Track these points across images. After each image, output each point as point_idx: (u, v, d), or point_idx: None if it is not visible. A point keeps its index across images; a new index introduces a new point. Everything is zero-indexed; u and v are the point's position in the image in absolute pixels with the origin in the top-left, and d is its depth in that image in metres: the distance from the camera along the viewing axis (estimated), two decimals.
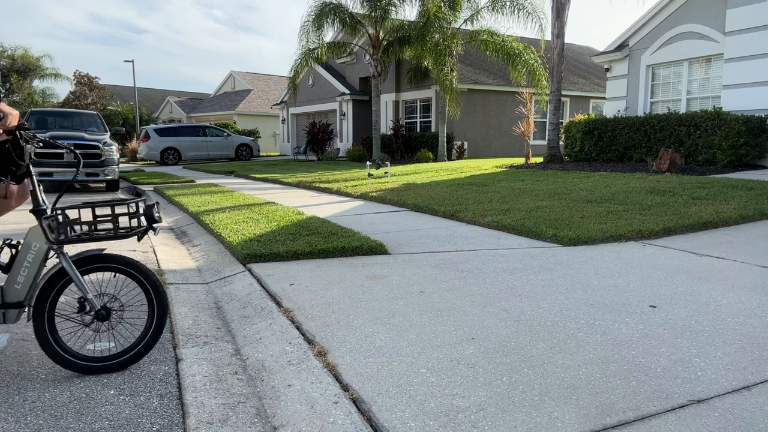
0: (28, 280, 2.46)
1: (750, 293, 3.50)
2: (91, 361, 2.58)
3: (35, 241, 2.48)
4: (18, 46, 42.83)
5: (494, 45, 18.39)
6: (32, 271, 2.46)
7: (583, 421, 2.02)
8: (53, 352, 2.52)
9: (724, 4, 11.67)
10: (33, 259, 2.46)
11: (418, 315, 3.21)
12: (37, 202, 2.53)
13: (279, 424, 2.17)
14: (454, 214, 6.75)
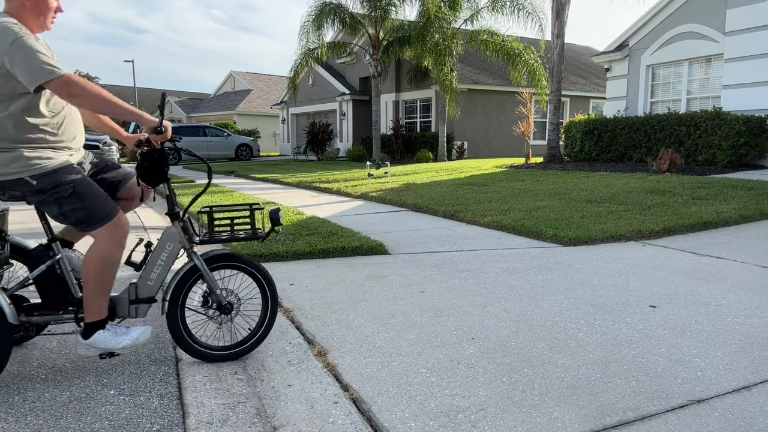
0: (161, 278, 2.63)
1: (750, 293, 3.50)
2: (216, 350, 2.75)
3: (170, 241, 2.64)
4: None
5: (494, 45, 18.39)
6: (165, 268, 2.64)
7: (583, 421, 2.02)
8: (185, 342, 2.69)
9: (724, 4, 11.68)
10: (167, 258, 2.63)
11: (418, 315, 3.21)
12: (173, 205, 2.73)
13: (279, 424, 2.17)
14: (454, 214, 6.75)
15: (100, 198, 2.47)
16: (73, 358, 2.79)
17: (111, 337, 2.52)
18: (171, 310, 2.65)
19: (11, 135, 2.32)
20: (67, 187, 2.39)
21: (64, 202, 2.40)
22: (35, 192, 2.38)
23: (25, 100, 2.32)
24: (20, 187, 2.38)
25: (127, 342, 2.54)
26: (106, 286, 2.47)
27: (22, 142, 2.34)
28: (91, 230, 2.46)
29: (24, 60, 2.21)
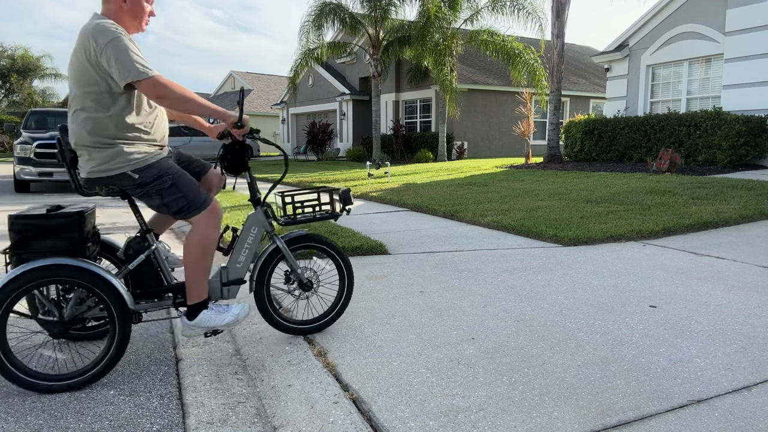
0: (248, 260, 2.82)
1: (750, 293, 3.50)
2: (300, 324, 2.96)
3: (254, 225, 2.83)
4: (18, 46, 42.93)
5: (494, 45, 18.39)
6: (252, 251, 2.82)
7: (583, 421, 2.02)
8: (272, 318, 2.91)
9: (724, 4, 11.68)
10: (252, 241, 2.82)
11: (418, 315, 3.21)
12: (254, 192, 2.88)
13: (279, 424, 2.17)
14: (454, 214, 6.75)
15: (195, 186, 2.62)
16: (73, 358, 2.79)
17: (215, 315, 2.66)
18: (258, 288, 2.85)
19: (112, 133, 2.45)
20: (167, 179, 2.54)
21: (166, 193, 2.55)
22: (137, 185, 2.52)
23: (124, 100, 2.45)
24: (123, 182, 2.51)
25: (230, 318, 2.68)
26: (206, 268, 2.62)
27: (121, 139, 2.47)
28: (190, 217, 2.60)
29: (119, 58, 2.33)
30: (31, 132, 11.60)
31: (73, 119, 2.47)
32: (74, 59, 2.44)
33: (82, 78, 2.41)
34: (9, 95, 41.93)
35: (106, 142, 2.45)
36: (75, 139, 2.48)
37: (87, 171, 2.50)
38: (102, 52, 2.33)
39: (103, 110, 2.43)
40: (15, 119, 33.68)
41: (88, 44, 2.37)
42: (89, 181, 2.53)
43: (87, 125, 2.44)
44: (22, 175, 10.75)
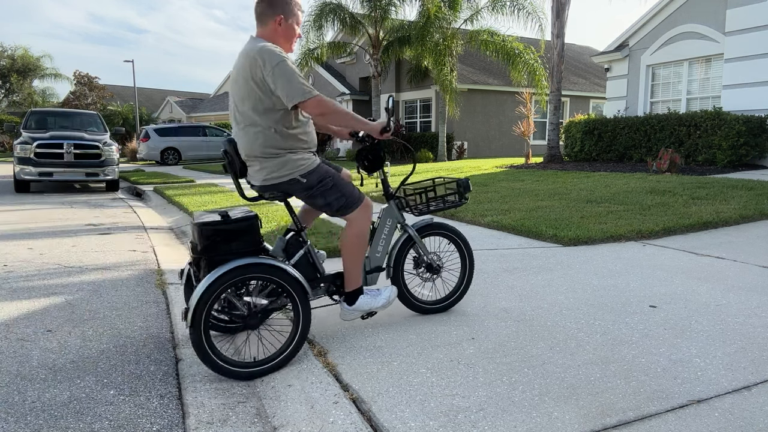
0: (386, 249, 3.10)
1: (750, 293, 3.50)
2: (428, 304, 3.26)
3: (389, 217, 3.10)
4: (18, 46, 42.85)
5: (494, 45, 18.39)
6: (388, 240, 3.11)
7: (583, 421, 2.02)
8: (407, 300, 3.20)
9: (724, 4, 11.67)
10: (388, 232, 3.10)
11: (418, 315, 3.21)
12: (387, 188, 3.17)
13: (279, 424, 2.17)
14: (453, 214, 6.75)
15: (350, 185, 2.90)
16: (74, 358, 2.79)
17: (370, 299, 2.95)
18: (395, 274, 3.15)
19: (280, 144, 2.70)
20: (328, 181, 2.81)
21: (328, 194, 2.81)
22: (305, 188, 2.78)
23: (288, 114, 2.70)
24: (293, 186, 2.77)
25: (383, 301, 2.97)
26: (361, 258, 2.90)
27: (287, 149, 2.73)
28: (348, 213, 2.85)
29: (286, 81, 2.58)
30: (31, 132, 11.59)
31: (243, 134, 2.72)
32: (240, 79, 2.67)
33: (250, 96, 2.65)
34: (9, 95, 41.92)
35: (276, 153, 2.70)
36: (247, 151, 2.73)
37: (261, 179, 2.75)
38: (269, 73, 2.58)
39: (271, 124, 2.67)
40: (15, 119, 33.69)
41: (254, 65, 2.60)
42: (263, 187, 2.78)
43: (258, 139, 2.68)
44: (22, 175, 10.75)
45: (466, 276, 3.34)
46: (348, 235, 2.84)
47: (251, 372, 2.54)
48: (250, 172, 2.80)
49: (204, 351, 2.46)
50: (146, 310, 3.59)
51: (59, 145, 10.91)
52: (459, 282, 3.35)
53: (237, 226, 2.60)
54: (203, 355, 2.47)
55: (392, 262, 3.14)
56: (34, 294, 3.89)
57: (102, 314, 3.48)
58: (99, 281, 4.28)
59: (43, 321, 3.33)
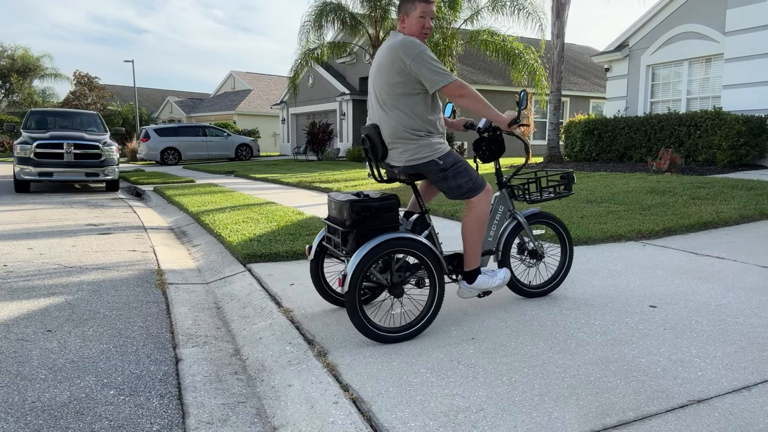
0: (496, 234, 3.34)
1: (750, 293, 3.50)
2: (531, 288, 3.47)
3: (501, 204, 3.32)
4: (18, 46, 42.84)
5: (494, 45, 18.38)
6: (499, 227, 3.34)
7: (583, 421, 2.02)
8: (512, 283, 3.40)
9: (724, 4, 11.67)
10: (499, 219, 3.33)
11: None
12: (500, 177, 3.39)
13: (279, 424, 2.17)
14: (454, 214, 6.74)
15: (475, 171, 3.11)
16: (74, 358, 2.79)
17: (488, 279, 3.17)
18: (503, 258, 3.35)
19: (420, 127, 2.96)
20: (460, 165, 3.03)
21: (459, 176, 3.03)
22: (440, 170, 3.01)
23: (427, 101, 2.97)
24: (429, 168, 3.00)
25: (498, 281, 3.20)
26: (481, 240, 3.12)
27: (426, 132, 2.98)
28: (473, 197, 3.06)
29: (428, 68, 2.86)
30: (31, 132, 11.59)
31: (388, 118, 2.97)
32: (384, 69, 2.95)
33: (394, 84, 2.92)
34: (9, 95, 41.91)
35: (418, 135, 2.96)
36: (391, 133, 2.98)
37: (404, 161, 3.00)
38: (412, 62, 2.85)
39: (413, 109, 2.93)
40: (15, 119, 33.68)
41: (397, 56, 2.88)
42: (405, 168, 3.02)
43: (402, 122, 2.94)
44: (22, 175, 10.74)
45: (566, 262, 3.58)
46: (471, 218, 3.07)
47: (393, 336, 2.80)
48: (391, 155, 3.05)
49: (356, 314, 2.72)
50: (146, 310, 3.59)
51: (59, 145, 10.91)
52: (559, 267, 3.59)
53: (382, 204, 2.87)
54: (355, 317, 2.73)
55: (501, 247, 3.34)
56: (34, 294, 3.89)
57: (102, 314, 3.48)
58: (99, 281, 4.28)
59: (43, 321, 3.33)
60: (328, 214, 3.13)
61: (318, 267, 3.28)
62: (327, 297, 3.36)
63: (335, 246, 3.01)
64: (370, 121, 3.12)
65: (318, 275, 3.30)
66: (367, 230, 2.83)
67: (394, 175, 3.13)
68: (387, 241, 2.76)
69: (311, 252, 3.25)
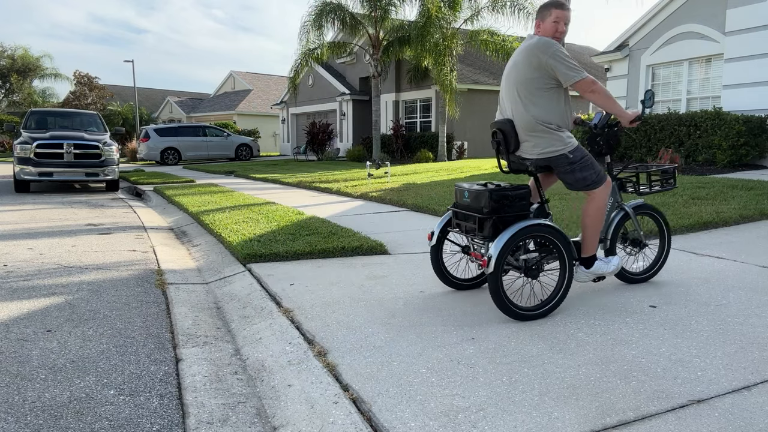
0: (606, 224, 3.58)
1: (750, 293, 3.50)
2: (633, 275, 3.74)
3: (611, 197, 3.53)
4: (18, 46, 42.80)
5: (494, 45, 18.38)
6: (608, 217, 3.58)
7: (583, 421, 2.02)
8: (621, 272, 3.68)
9: (724, 4, 11.67)
10: (609, 209, 3.58)
11: (418, 315, 3.21)
12: (611, 170, 3.58)
13: (279, 424, 2.17)
14: None
15: (598, 164, 3.33)
16: (74, 358, 2.79)
17: (604, 264, 3.44)
18: (611, 246, 3.57)
19: (552, 120, 3.20)
20: (586, 159, 3.27)
21: (585, 170, 3.26)
22: (569, 163, 3.24)
23: (558, 97, 3.22)
24: (559, 161, 3.24)
25: (612, 267, 3.46)
26: (599, 228, 3.37)
27: (557, 126, 3.21)
28: (595, 188, 3.30)
29: (563, 64, 3.12)
30: (31, 132, 11.58)
31: (523, 113, 3.22)
32: (520, 67, 3.22)
33: (531, 80, 3.18)
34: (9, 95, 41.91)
35: (549, 129, 3.19)
36: (525, 127, 3.23)
37: (537, 153, 3.25)
38: (548, 58, 3.11)
39: (547, 105, 3.19)
40: (15, 119, 33.68)
41: (534, 54, 3.15)
42: (537, 160, 3.27)
43: (537, 115, 3.18)
44: (22, 175, 10.74)
45: (664, 251, 3.81)
46: (592, 208, 3.32)
47: (530, 314, 3.06)
48: (524, 147, 3.29)
49: (499, 293, 2.98)
50: (146, 310, 3.59)
51: (59, 145, 10.91)
52: (658, 256, 3.83)
53: (517, 193, 3.16)
54: (498, 296, 2.99)
55: (609, 236, 3.56)
56: (34, 294, 3.89)
57: (102, 314, 3.48)
58: (99, 281, 4.28)
59: (43, 321, 3.33)
60: (455, 201, 3.44)
61: (438, 252, 3.56)
62: (445, 280, 3.64)
63: (467, 231, 3.30)
64: (501, 117, 3.40)
65: (438, 260, 3.57)
66: (503, 217, 3.13)
67: (521, 166, 3.39)
68: (528, 227, 3.05)
69: (433, 238, 3.55)
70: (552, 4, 3.30)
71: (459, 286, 3.67)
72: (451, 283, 3.65)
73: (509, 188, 3.15)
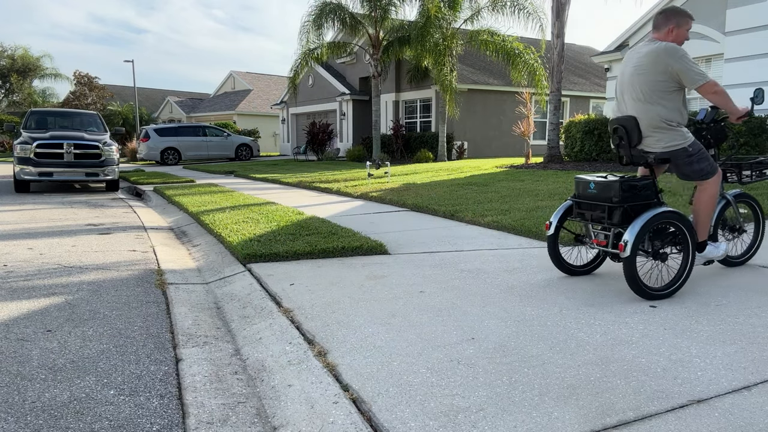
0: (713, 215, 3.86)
1: (750, 293, 3.50)
2: (734, 258, 4.08)
3: None
4: (18, 46, 42.82)
5: (494, 45, 18.38)
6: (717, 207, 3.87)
7: (583, 421, 2.02)
8: None
9: (724, 4, 11.67)
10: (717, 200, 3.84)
11: (418, 315, 3.21)
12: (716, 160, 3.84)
13: (279, 424, 2.17)
14: (454, 214, 6.75)
15: (711, 157, 3.68)
16: (74, 358, 2.79)
17: (714, 249, 3.79)
18: (714, 232, 3.87)
19: (676, 118, 3.55)
20: (702, 152, 3.61)
21: (701, 161, 3.59)
22: (687, 155, 3.57)
23: (680, 97, 3.57)
24: (678, 153, 3.57)
25: (721, 252, 3.81)
26: (711, 215, 3.71)
27: (677, 123, 3.56)
28: (708, 178, 3.63)
29: (690, 69, 3.45)
30: (31, 132, 11.58)
31: (647, 111, 3.56)
32: (645, 70, 3.55)
33: (656, 82, 3.51)
34: (9, 95, 41.92)
35: (671, 125, 3.54)
36: (649, 124, 3.57)
37: (661, 147, 3.58)
38: (676, 63, 3.45)
39: (669, 104, 3.53)
40: (15, 119, 33.67)
41: (661, 59, 3.48)
42: (660, 154, 3.59)
43: (662, 114, 3.53)
44: (22, 175, 10.74)
45: (759, 235, 4.13)
46: (705, 197, 3.65)
47: (659, 294, 3.38)
48: (648, 142, 3.62)
49: (633, 275, 3.29)
50: (146, 310, 3.59)
51: (59, 145, 10.91)
52: (753, 240, 4.14)
53: (644, 183, 3.48)
54: (632, 278, 3.31)
55: (713, 222, 3.82)
56: (34, 294, 3.89)
57: (102, 314, 3.48)
58: (99, 281, 4.28)
59: (43, 321, 3.33)
60: (576, 193, 3.85)
61: (555, 241, 3.90)
62: (560, 266, 3.99)
63: (593, 219, 3.65)
64: (621, 114, 3.73)
65: (555, 248, 3.90)
66: (632, 205, 3.43)
67: (641, 159, 3.67)
68: (660, 214, 3.35)
69: (551, 227, 3.89)
70: (687, 15, 3.68)
71: (572, 271, 4.01)
72: (565, 269, 3.99)
73: (637, 179, 3.49)
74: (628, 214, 3.43)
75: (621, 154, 3.80)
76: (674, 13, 3.68)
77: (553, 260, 3.95)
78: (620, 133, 3.71)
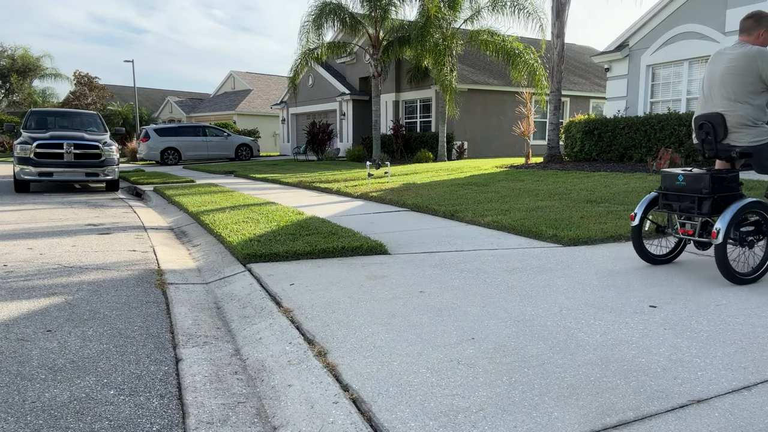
0: None
1: (750, 293, 3.50)
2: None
3: None
4: (18, 46, 42.84)
5: (494, 45, 18.38)
6: None
7: (583, 421, 2.02)
8: None
9: (724, 4, 11.67)
10: None
11: (418, 315, 3.21)
12: None
13: (279, 424, 2.17)
14: (454, 214, 6.75)
15: None
16: (74, 358, 2.79)
17: None
18: None
19: (759, 117, 3.86)
20: None
21: None
22: (762, 150, 3.91)
23: (764, 97, 3.87)
24: (761, 148, 3.88)
25: None
26: None
27: (762, 121, 3.86)
28: None
29: None
30: (31, 132, 11.58)
31: (735, 110, 3.87)
32: (736, 71, 3.85)
33: (746, 83, 3.83)
34: (9, 95, 41.93)
35: (756, 123, 3.86)
36: (737, 121, 3.87)
37: (747, 142, 3.89)
38: (765, 67, 3.77)
39: (757, 103, 3.85)
40: (15, 119, 33.68)
41: (754, 65, 3.79)
42: (746, 148, 3.88)
43: (749, 112, 3.85)
44: (22, 175, 10.74)
45: None
46: None
47: (747, 279, 3.66)
48: (733, 137, 3.91)
49: (724, 261, 3.54)
50: (146, 310, 3.59)
51: (59, 145, 10.91)
52: None
53: (731, 175, 3.76)
54: (723, 264, 3.56)
55: None
56: (34, 294, 3.89)
57: (102, 314, 3.48)
58: (99, 281, 4.28)
59: (43, 321, 3.33)
60: (664, 186, 4.02)
61: (639, 232, 4.08)
62: (643, 256, 4.20)
63: (681, 210, 3.89)
64: (707, 111, 4.01)
65: (639, 238, 4.11)
66: (721, 195, 3.68)
67: (724, 153, 3.95)
68: (749, 203, 3.60)
69: (636, 218, 4.08)
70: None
71: (655, 261, 4.22)
72: (648, 258, 4.20)
73: (725, 171, 3.76)
74: (717, 204, 3.66)
75: (705, 148, 4.06)
76: (763, 17, 3.90)
77: (636, 250, 4.15)
78: (707, 128, 3.97)
